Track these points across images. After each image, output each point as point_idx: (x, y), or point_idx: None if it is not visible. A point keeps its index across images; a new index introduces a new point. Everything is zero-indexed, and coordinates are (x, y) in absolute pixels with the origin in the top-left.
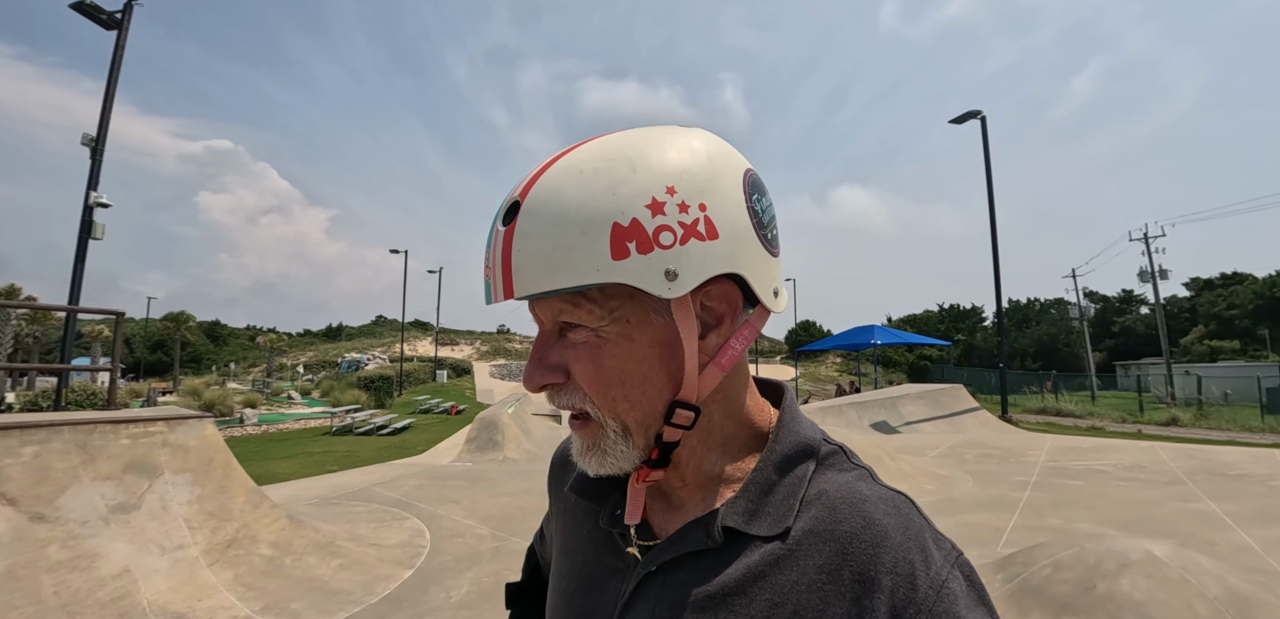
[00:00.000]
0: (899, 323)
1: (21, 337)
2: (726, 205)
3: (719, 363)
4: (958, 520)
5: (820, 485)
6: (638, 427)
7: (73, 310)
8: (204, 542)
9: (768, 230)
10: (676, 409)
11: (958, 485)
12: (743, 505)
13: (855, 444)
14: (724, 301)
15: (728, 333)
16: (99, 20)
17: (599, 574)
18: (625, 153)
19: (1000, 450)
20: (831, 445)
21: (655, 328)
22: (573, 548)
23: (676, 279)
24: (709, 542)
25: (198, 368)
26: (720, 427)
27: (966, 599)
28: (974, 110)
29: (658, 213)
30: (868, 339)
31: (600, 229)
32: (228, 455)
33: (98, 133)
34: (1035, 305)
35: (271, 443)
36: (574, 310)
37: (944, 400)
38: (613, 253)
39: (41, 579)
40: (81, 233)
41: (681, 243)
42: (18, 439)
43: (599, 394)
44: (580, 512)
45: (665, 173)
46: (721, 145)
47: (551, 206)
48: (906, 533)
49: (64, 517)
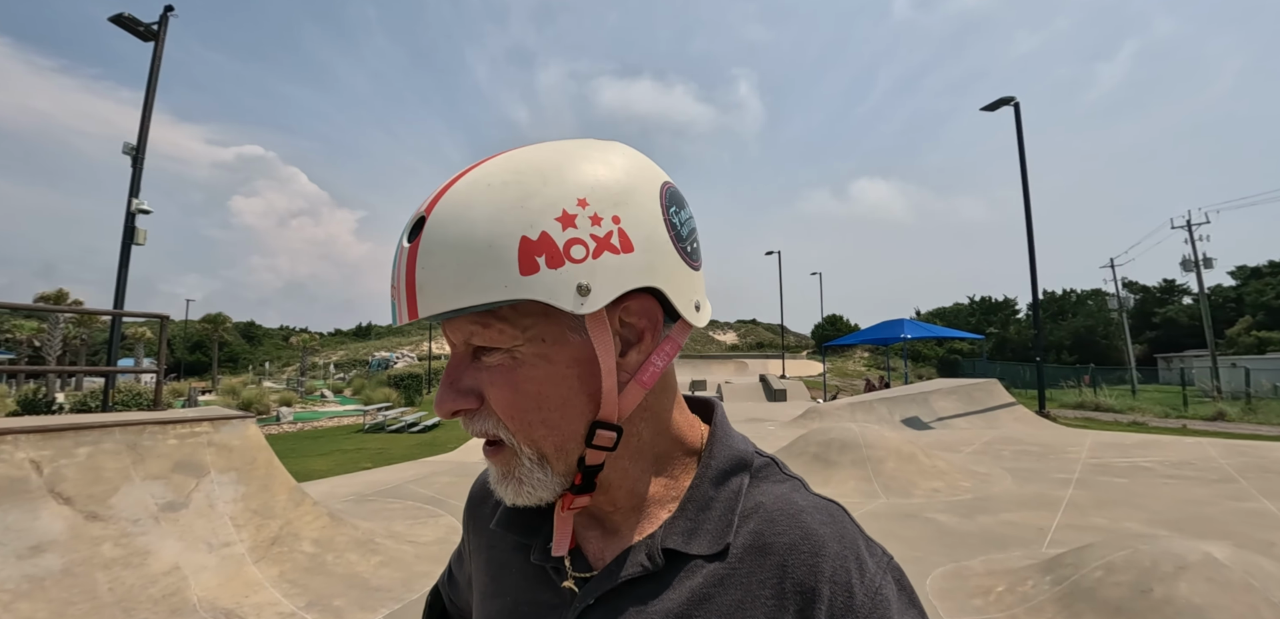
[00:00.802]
0: (928, 316)
1: (70, 339)
2: (642, 217)
3: (640, 380)
4: (997, 519)
5: (756, 498)
6: (556, 452)
7: (117, 314)
8: (249, 539)
9: (687, 243)
10: (598, 430)
11: (995, 482)
12: (682, 525)
13: (887, 441)
14: (644, 316)
15: (649, 349)
16: (137, 32)
17: (532, 613)
18: (537, 165)
19: (1039, 446)
20: (764, 457)
21: (573, 347)
22: (501, 588)
23: (590, 294)
24: (649, 566)
25: (234, 368)
26: (650, 444)
27: (899, 603)
28: (1007, 97)
29: (569, 225)
30: (897, 333)
31: (508, 243)
32: (270, 454)
33: (138, 141)
34: (1071, 297)
35: (307, 440)
36: (485, 332)
37: (978, 395)
38: (521, 268)
39: (97, 576)
40: (124, 238)
41: (594, 256)
42: (72, 440)
43: (515, 420)
44: (507, 547)
45: (577, 185)
46: (639, 159)
47: (457, 222)
48: (842, 541)
49: (117, 515)
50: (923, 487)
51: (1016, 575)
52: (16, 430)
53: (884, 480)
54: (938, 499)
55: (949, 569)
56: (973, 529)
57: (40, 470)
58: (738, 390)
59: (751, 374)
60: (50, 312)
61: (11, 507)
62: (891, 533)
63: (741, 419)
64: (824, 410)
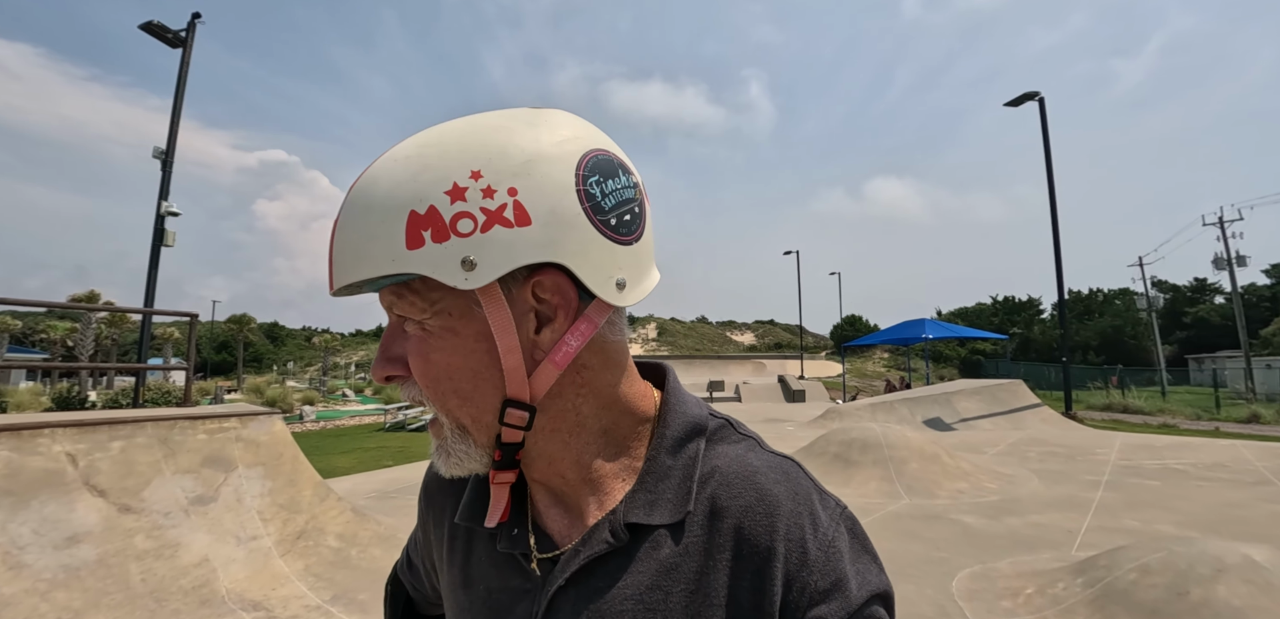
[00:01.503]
0: (950, 316)
1: (102, 339)
2: (545, 189)
3: (553, 360)
4: (1025, 521)
5: (713, 461)
6: (473, 424)
7: (147, 312)
8: (276, 533)
9: (611, 215)
10: (508, 408)
11: (1022, 484)
12: (642, 497)
13: (909, 441)
14: (556, 294)
15: (562, 328)
16: (165, 39)
17: (506, 599)
18: (443, 138)
19: (1066, 448)
20: (719, 419)
21: (480, 321)
22: (472, 577)
23: (475, 269)
24: (614, 541)
25: (259, 367)
26: (594, 417)
27: (852, 552)
28: (1031, 92)
29: (458, 199)
30: (918, 333)
31: (397, 217)
32: (295, 450)
33: (168, 145)
34: (1098, 296)
35: (330, 438)
36: (399, 303)
37: (1002, 396)
38: (407, 242)
39: (130, 567)
40: (154, 240)
41: (483, 230)
42: (107, 434)
43: (430, 389)
44: (474, 536)
45: (474, 156)
46: (562, 129)
47: (364, 196)
48: (796, 499)
49: (149, 508)
50: (947, 488)
51: (1046, 577)
52: (54, 424)
53: (907, 481)
54: (962, 500)
55: (976, 570)
56: (999, 531)
57: (76, 464)
58: (756, 391)
59: (769, 375)
60: (82, 310)
61: (49, 499)
62: (914, 534)
63: (760, 419)
64: (843, 411)
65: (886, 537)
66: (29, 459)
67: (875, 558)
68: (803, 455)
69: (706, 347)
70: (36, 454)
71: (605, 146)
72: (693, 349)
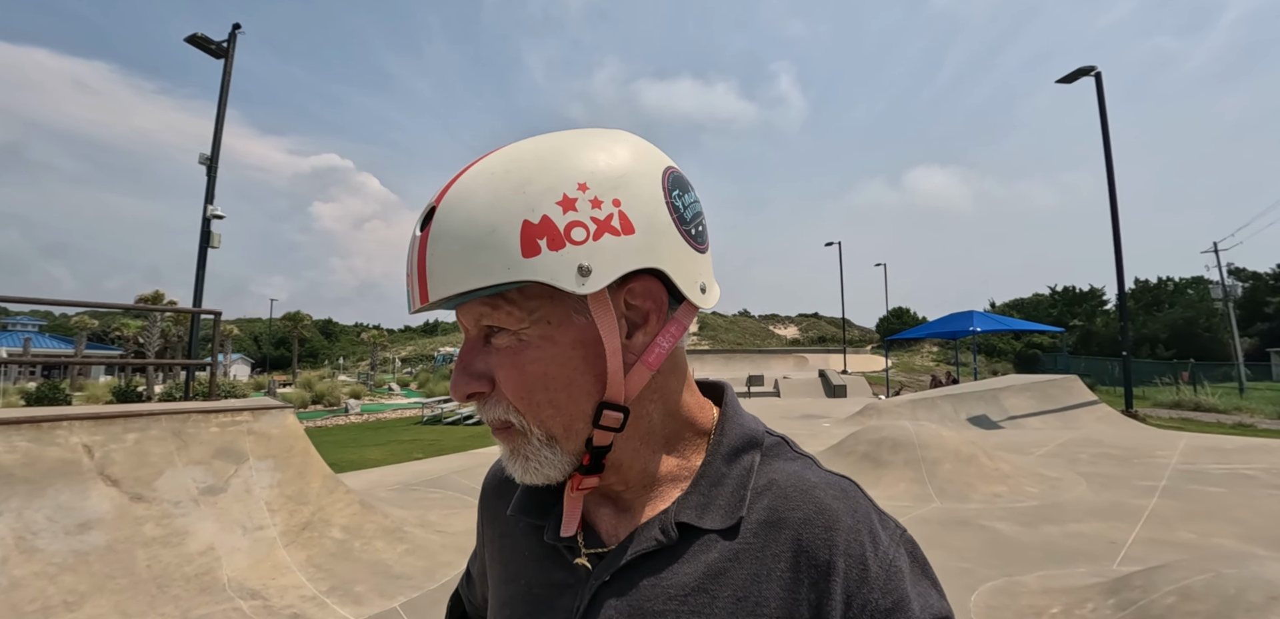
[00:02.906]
0: (1004, 308)
1: (169, 335)
2: (642, 200)
3: (646, 361)
4: (1064, 529)
5: (768, 474)
6: (564, 432)
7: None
8: (282, 523)
9: (691, 226)
10: (604, 410)
11: (1067, 488)
12: (695, 500)
13: (944, 441)
14: (649, 298)
15: (654, 330)
16: (209, 50)
17: (547, 593)
18: (537, 153)
19: (1122, 450)
20: (775, 436)
21: (577, 328)
22: (515, 572)
23: (590, 275)
24: (663, 540)
25: (315, 362)
26: (661, 425)
27: (912, 575)
28: (1086, 67)
29: (569, 209)
30: (966, 326)
31: (510, 227)
32: (306, 443)
33: (212, 151)
34: (1167, 285)
35: (369, 431)
36: (494, 314)
37: (1054, 393)
38: (523, 250)
39: (137, 553)
40: (201, 243)
41: (595, 238)
42: (122, 427)
43: (523, 400)
44: (521, 531)
45: (578, 170)
46: (642, 145)
47: (462, 208)
48: (855, 515)
49: (160, 497)
50: (982, 491)
51: (1075, 595)
52: (72, 417)
53: (939, 483)
54: (998, 505)
55: (998, 584)
56: (1034, 540)
57: (92, 454)
58: (795, 385)
59: (811, 369)
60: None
61: (64, 487)
62: (939, 540)
63: (795, 415)
64: (882, 407)
65: None
66: (47, 449)
67: (936, 583)
68: (829, 454)
69: (748, 341)
70: (54, 445)
71: (676, 166)
72: (734, 343)
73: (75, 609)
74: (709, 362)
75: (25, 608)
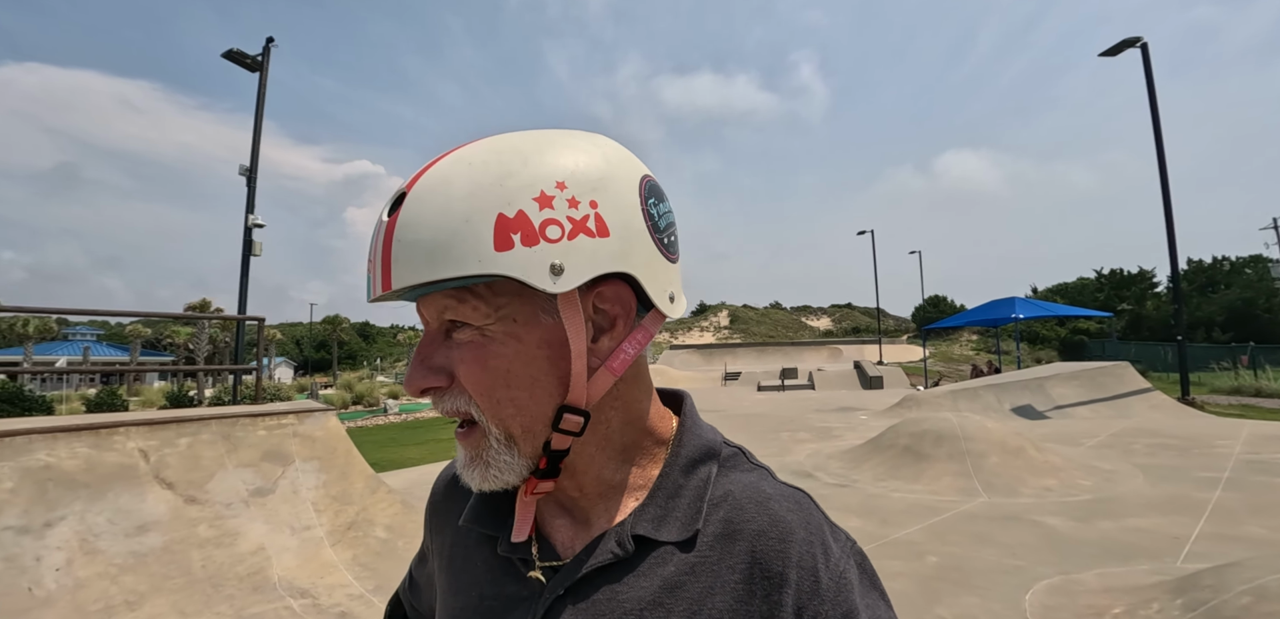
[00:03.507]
0: (1047, 293)
1: (216, 341)
2: (619, 205)
3: (610, 367)
4: (1122, 525)
5: (725, 486)
6: (523, 433)
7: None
8: (328, 523)
9: (664, 235)
10: (565, 414)
11: (1123, 481)
12: (651, 512)
13: (989, 433)
14: (617, 303)
15: (621, 336)
16: (245, 64)
17: (499, 607)
18: (518, 148)
19: (1180, 439)
20: (732, 447)
21: (544, 328)
22: (467, 583)
23: (563, 274)
24: (619, 553)
25: (353, 364)
26: (620, 433)
27: (862, 586)
28: (1131, 38)
29: (546, 206)
30: (1008, 313)
31: (484, 219)
32: (349, 444)
33: (251, 161)
34: (1223, 265)
35: (407, 430)
36: (459, 307)
37: (1104, 381)
38: (496, 244)
39: (192, 554)
40: (244, 250)
41: (569, 237)
42: (175, 431)
43: (484, 397)
44: (473, 541)
45: (557, 168)
46: (620, 150)
47: (436, 196)
48: (809, 528)
49: (212, 499)
50: (1032, 484)
51: (1139, 595)
52: (129, 423)
53: (985, 477)
54: (1049, 499)
55: (1054, 582)
56: (1089, 536)
57: (147, 458)
58: (829, 378)
59: (846, 360)
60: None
61: (123, 490)
62: (988, 537)
63: (830, 407)
64: (922, 398)
65: (955, 540)
66: (106, 454)
67: (883, 594)
68: (869, 448)
69: (780, 333)
70: (112, 450)
71: (652, 173)
72: (766, 336)
73: (136, 608)
74: (742, 355)
75: (89, 607)
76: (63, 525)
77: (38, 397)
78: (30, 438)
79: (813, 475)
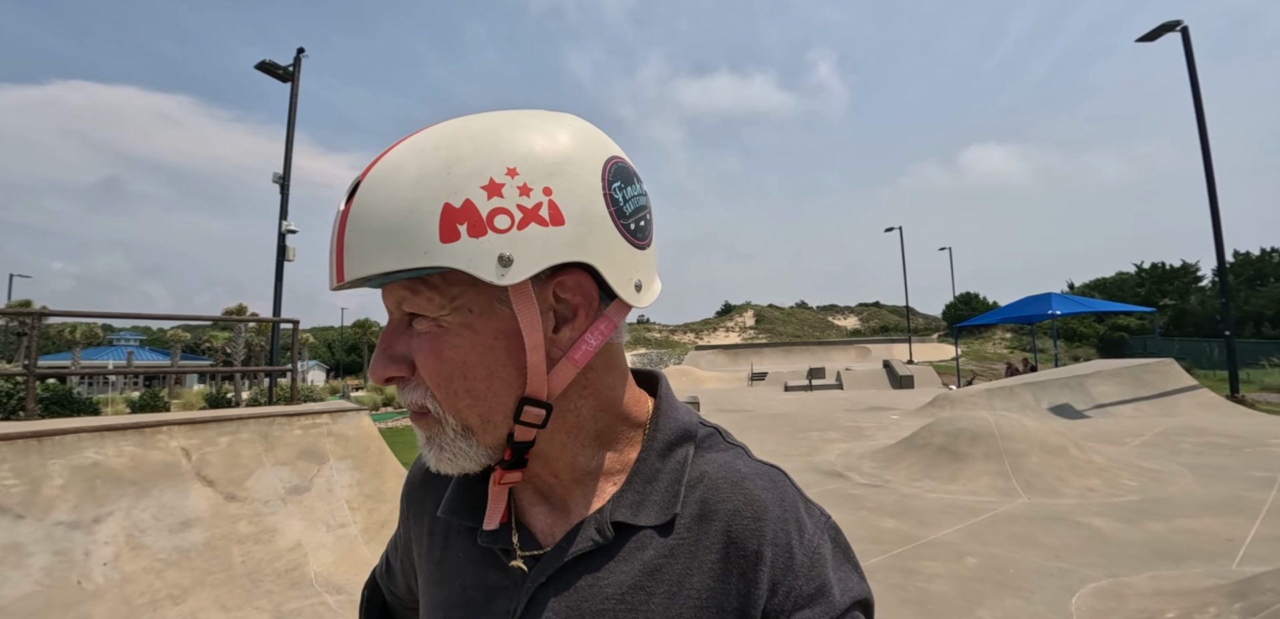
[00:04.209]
0: (1085, 288)
1: (252, 345)
2: (577, 190)
3: (572, 358)
4: (1171, 526)
5: (701, 467)
6: (481, 424)
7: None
8: (362, 521)
9: (630, 220)
10: (526, 406)
11: (1171, 481)
12: (630, 497)
13: (1029, 432)
14: (578, 293)
15: (583, 326)
16: (276, 75)
17: (482, 597)
18: (471, 133)
19: (1231, 438)
20: (708, 427)
21: (500, 319)
22: (449, 573)
23: (511, 266)
24: (599, 539)
25: None
26: (592, 420)
27: (835, 560)
28: (1170, 22)
29: (495, 195)
30: (1044, 310)
31: (430, 209)
32: (381, 443)
33: (284, 170)
34: (1273, 257)
35: None
36: (414, 298)
37: (1148, 378)
38: (441, 235)
39: (232, 550)
40: (278, 256)
41: (520, 227)
42: (215, 430)
43: (440, 388)
44: (453, 531)
45: (510, 153)
46: (586, 131)
47: (386, 186)
48: (783, 505)
49: (251, 496)
50: (1074, 485)
51: (1194, 599)
52: (172, 423)
53: (1025, 477)
54: (1093, 500)
55: (1103, 586)
56: (1138, 538)
57: (189, 457)
58: (858, 377)
59: (874, 360)
60: (201, 321)
61: (167, 488)
62: (1031, 539)
63: (860, 407)
64: (955, 397)
65: (995, 541)
66: (150, 453)
67: (856, 566)
68: (902, 448)
69: (807, 333)
70: (156, 448)
71: (622, 155)
72: (792, 335)
73: (180, 603)
74: (768, 355)
75: (136, 601)
76: (110, 521)
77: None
78: (79, 437)
79: (844, 475)
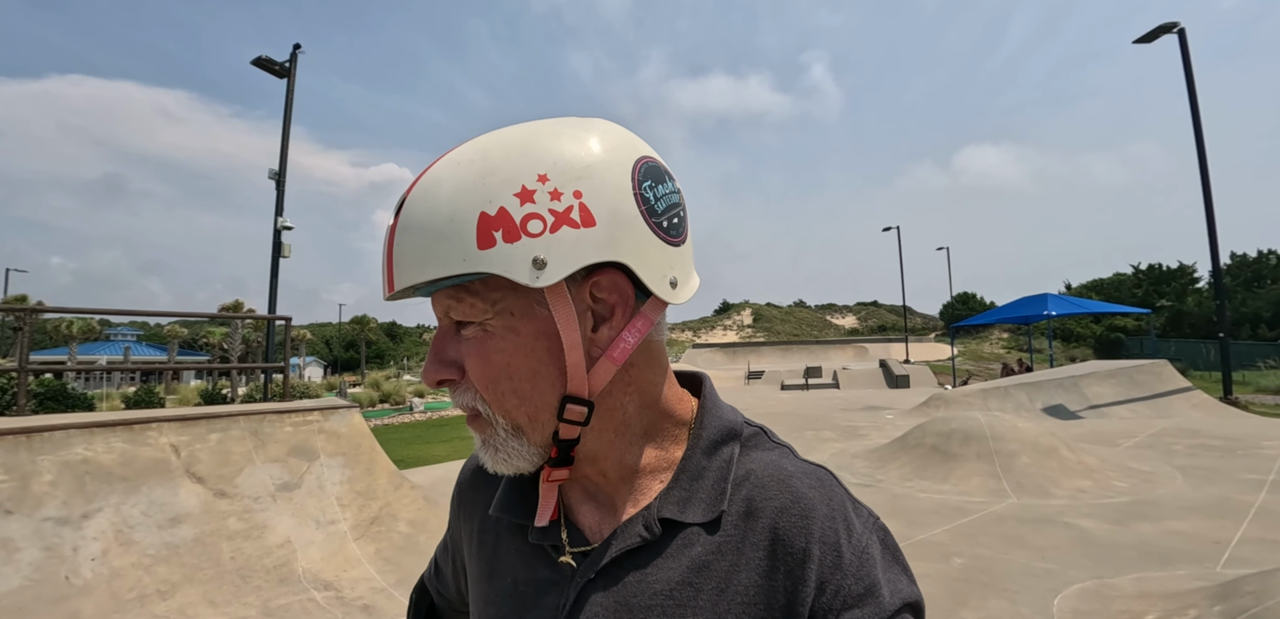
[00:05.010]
0: (1081, 290)
1: (249, 341)
2: (607, 191)
3: (611, 356)
4: (1160, 528)
5: (747, 465)
6: (529, 423)
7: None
8: (352, 518)
9: (663, 218)
10: (568, 404)
11: (1162, 483)
12: (677, 494)
13: (1020, 432)
14: (614, 292)
15: (619, 325)
16: (273, 71)
17: (532, 592)
18: (504, 143)
19: (1223, 440)
20: (753, 427)
21: (540, 320)
22: (499, 569)
23: (546, 268)
24: (647, 535)
25: (381, 362)
26: (637, 417)
27: (884, 561)
28: (1167, 24)
29: (527, 201)
30: (1040, 310)
31: (467, 219)
32: (372, 441)
33: (279, 166)
34: (1270, 258)
35: (433, 428)
36: (459, 305)
37: (1142, 379)
38: (478, 242)
39: (222, 546)
40: (274, 253)
41: (552, 230)
42: (206, 427)
43: (488, 390)
44: (503, 529)
45: (539, 161)
46: (616, 134)
47: (427, 200)
48: (830, 504)
49: (241, 493)
50: (1065, 485)
51: (1177, 601)
52: (161, 419)
53: (1016, 477)
54: (1083, 501)
55: (1087, 587)
56: (1126, 539)
57: (179, 453)
58: (855, 376)
59: (871, 359)
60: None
61: (157, 484)
62: (1018, 539)
63: (856, 406)
64: (950, 397)
65: (984, 542)
66: (140, 449)
67: (906, 569)
68: (895, 447)
69: (805, 332)
70: (146, 445)
71: (653, 154)
72: (790, 334)
73: (168, 598)
74: (765, 354)
75: (125, 596)
76: (99, 517)
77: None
78: (69, 433)
79: (837, 475)
